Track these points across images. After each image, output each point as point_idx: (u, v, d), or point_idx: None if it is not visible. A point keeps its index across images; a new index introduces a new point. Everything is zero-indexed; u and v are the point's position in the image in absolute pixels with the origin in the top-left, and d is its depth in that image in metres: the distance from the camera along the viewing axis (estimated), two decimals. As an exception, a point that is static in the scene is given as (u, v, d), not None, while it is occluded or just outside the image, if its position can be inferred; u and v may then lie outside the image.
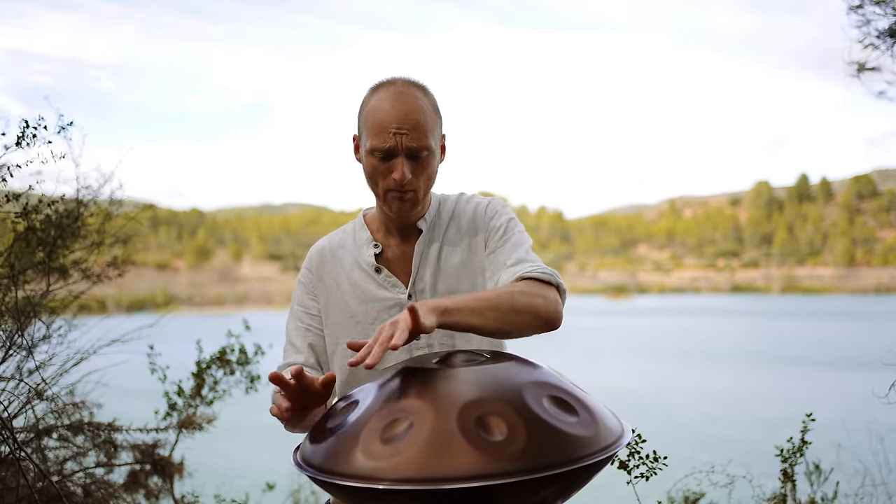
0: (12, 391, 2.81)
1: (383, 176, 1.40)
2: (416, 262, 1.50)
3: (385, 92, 1.40)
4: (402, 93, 1.39)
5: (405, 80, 1.43)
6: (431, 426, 0.92)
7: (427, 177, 1.43)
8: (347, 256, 1.53)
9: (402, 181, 1.37)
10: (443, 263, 1.50)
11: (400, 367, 1.11)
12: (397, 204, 1.42)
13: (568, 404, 1.00)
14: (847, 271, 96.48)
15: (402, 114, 1.36)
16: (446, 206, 1.57)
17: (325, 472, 0.96)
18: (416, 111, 1.38)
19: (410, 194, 1.41)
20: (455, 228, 1.53)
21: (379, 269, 1.49)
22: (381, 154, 1.38)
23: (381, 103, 1.38)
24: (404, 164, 1.37)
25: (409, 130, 1.36)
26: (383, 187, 1.41)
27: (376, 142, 1.37)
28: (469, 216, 1.54)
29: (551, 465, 0.89)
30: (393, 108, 1.37)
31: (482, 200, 1.57)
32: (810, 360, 21.38)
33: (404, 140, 1.36)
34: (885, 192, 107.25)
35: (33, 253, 2.96)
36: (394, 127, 1.36)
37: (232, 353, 3.63)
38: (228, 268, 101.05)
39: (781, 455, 2.53)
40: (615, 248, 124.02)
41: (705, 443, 10.45)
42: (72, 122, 2.68)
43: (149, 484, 3.32)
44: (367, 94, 1.44)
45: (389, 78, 1.44)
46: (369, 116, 1.39)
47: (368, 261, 1.50)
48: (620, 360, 22.05)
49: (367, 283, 1.49)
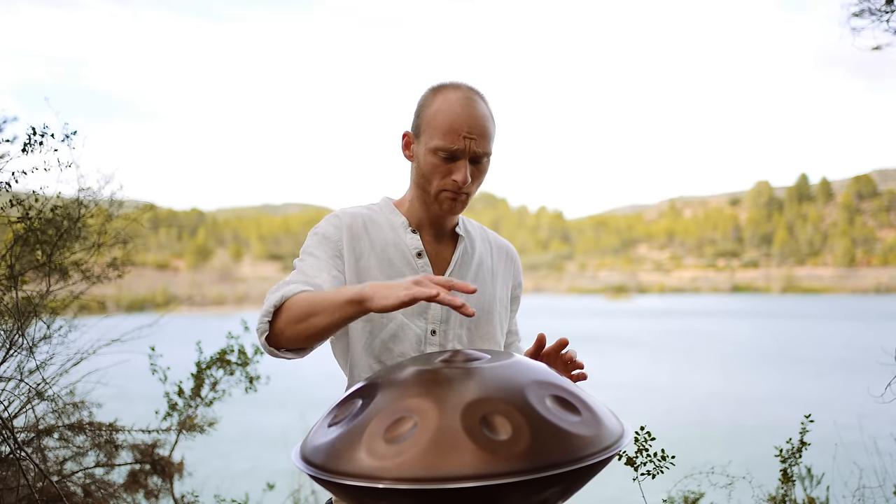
0: (12, 391, 2.81)
1: (442, 176, 1.43)
2: (456, 260, 1.54)
3: (454, 94, 1.44)
4: (472, 98, 1.44)
5: (469, 86, 1.48)
6: (435, 425, 0.92)
7: (480, 183, 1.48)
8: (378, 234, 1.51)
9: (463, 183, 1.41)
10: (481, 273, 1.57)
11: (404, 365, 1.11)
12: (449, 203, 1.46)
13: (570, 404, 1.01)
14: (847, 271, 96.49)
15: (474, 119, 1.41)
16: (468, 223, 1.63)
17: (327, 471, 0.96)
18: (485, 118, 1.44)
19: (464, 197, 1.46)
20: (496, 257, 1.63)
21: (421, 253, 1.51)
22: (445, 154, 1.41)
23: (452, 106, 1.42)
24: (467, 168, 1.41)
25: (477, 136, 1.41)
26: (439, 186, 1.44)
27: (444, 142, 1.40)
28: (505, 257, 1.65)
29: (555, 465, 0.90)
30: (464, 112, 1.41)
31: (510, 246, 1.69)
32: (810, 361, 21.37)
33: (472, 145, 1.41)
34: (885, 192, 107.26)
35: (33, 253, 2.96)
36: (465, 130, 1.40)
37: (231, 353, 3.64)
38: (228, 268, 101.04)
39: (781, 456, 2.53)
40: (615, 248, 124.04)
41: (705, 442, 10.44)
42: (76, 131, 2.70)
43: (149, 484, 3.32)
44: (429, 94, 1.47)
45: (453, 81, 1.48)
46: (437, 116, 1.42)
47: (410, 244, 1.51)
48: (628, 360, 22.05)
49: (403, 266, 1.49)
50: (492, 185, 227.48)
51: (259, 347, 3.78)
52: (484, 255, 1.60)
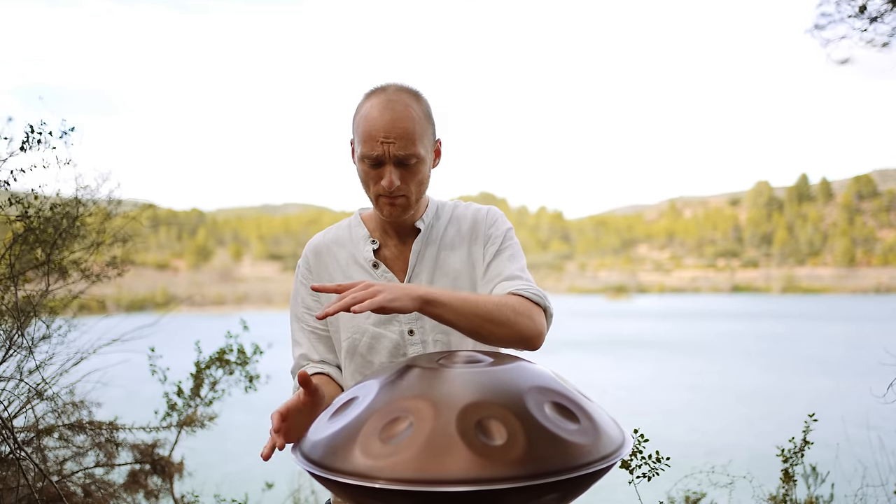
0: (12, 391, 2.81)
1: (374, 182, 1.42)
2: (413, 260, 1.52)
3: (376, 99, 1.41)
4: (392, 101, 1.40)
5: (397, 86, 1.44)
6: (431, 427, 0.92)
7: (418, 182, 1.44)
8: (342, 252, 1.55)
9: (389, 188, 1.40)
10: (441, 264, 1.53)
11: (402, 366, 1.11)
12: (388, 209, 1.45)
13: (569, 411, 1.00)
14: (847, 271, 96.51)
15: (390, 122, 1.38)
16: (444, 210, 1.60)
17: (323, 467, 0.96)
18: (405, 119, 1.39)
19: (401, 199, 1.44)
20: (454, 231, 1.56)
21: (377, 264, 1.51)
22: (370, 161, 1.40)
23: (371, 111, 1.40)
24: (392, 172, 1.39)
25: (396, 139, 1.38)
26: (374, 192, 1.44)
27: (365, 149, 1.39)
28: (469, 221, 1.57)
29: (549, 473, 0.89)
30: (381, 117, 1.38)
31: (481, 207, 1.61)
32: (811, 360, 21.37)
33: (391, 149, 1.38)
34: (885, 192, 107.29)
35: (32, 252, 2.95)
36: (381, 136, 1.37)
37: (230, 353, 3.64)
38: (228, 268, 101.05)
39: (783, 455, 2.53)
40: (615, 248, 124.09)
41: (705, 442, 10.44)
42: (73, 127, 2.69)
43: (149, 484, 3.32)
44: (361, 101, 1.45)
45: (382, 84, 1.45)
46: (360, 124, 1.41)
47: (366, 256, 1.52)
48: (618, 359, 22.04)
49: (364, 279, 1.50)
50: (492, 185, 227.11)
51: (258, 347, 3.78)
52: (452, 240, 1.56)
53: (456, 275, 1.52)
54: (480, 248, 1.55)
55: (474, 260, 1.54)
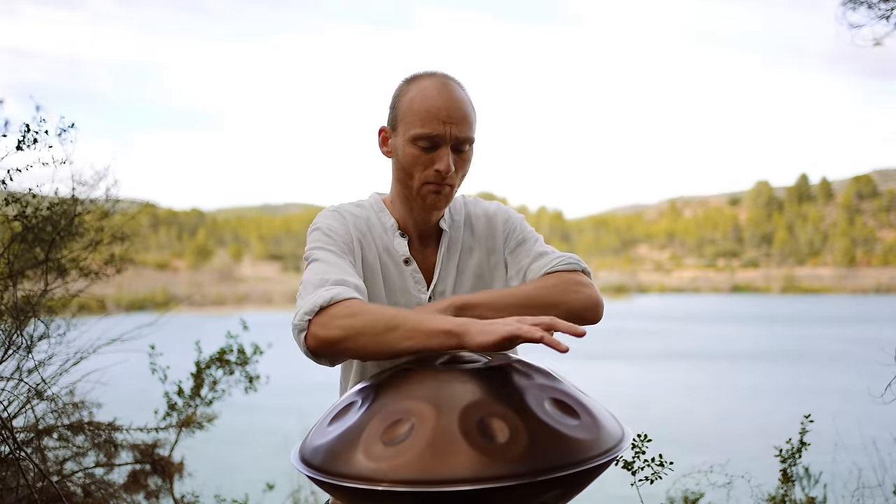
0: (12, 391, 2.81)
1: (424, 167, 1.35)
2: (441, 263, 1.46)
3: (429, 81, 1.37)
4: (448, 84, 1.37)
5: (444, 73, 1.41)
6: (433, 428, 0.92)
7: (464, 173, 1.40)
8: (376, 236, 1.44)
9: (447, 171, 1.33)
10: (461, 268, 1.48)
11: (402, 367, 1.11)
12: (433, 197, 1.37)
13: (570, 407, 1.01)
14: (847, 271, 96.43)
15: (453, 103, 1.34)
16: (455, 208, 1.53)
17: (325, 472, 0.96)
18: (464, 103, 1.36)
19: (447, 189, 1.37)
20: (469, 233, 1.51)
21: (409, 260, 1.44)
22: (426, 143, 1.33)
23: (428, 91, 1.34)
24: (449, 156, 1.34)
25: (458, 121, 1.33)
26: (421, 179, 1.36)
27: (424, 129, 1.32)
28: (482, 223, 1.52)
29: (552, 469, 0.89)
30: (441, 97, 1.33)
31: (490, 206, 1.55)
32: (811, 360, 21.36)
33: (453, 130, 1.33)
34: (885, 192, 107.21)
35: (31, 251, 2.95)
36: (444, 115, 1.32)
37: (231, 353, 3.63)
38: (228, 268, 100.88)
39: (780, 456, 2.53)
40: (615, 248, 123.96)
41: (704, 442, 10.44)
42: (73, 123, 2.67)
43: (149, 484, 3.32)
44: (404, 85, 1.40)
45: (428, 70, 1.41)
46: (414, 104, 1.35)
47: (399, 250, 1.44)
48: (617, 361, 22.03)
49: (395, 273, 1.43)
50: (492, 185, 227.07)
51: (258, 347, 3.78)
52: (469, 243, 1.50)
53: (474, 279, 1.47)
54: (499, 250, 1.50)
55: (492, 266, 1.49)
